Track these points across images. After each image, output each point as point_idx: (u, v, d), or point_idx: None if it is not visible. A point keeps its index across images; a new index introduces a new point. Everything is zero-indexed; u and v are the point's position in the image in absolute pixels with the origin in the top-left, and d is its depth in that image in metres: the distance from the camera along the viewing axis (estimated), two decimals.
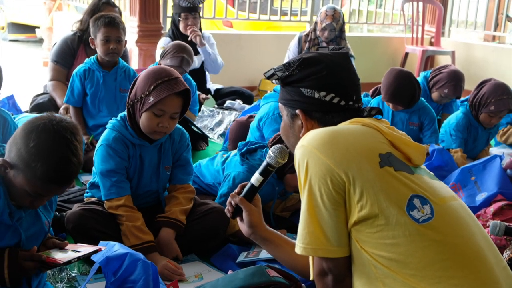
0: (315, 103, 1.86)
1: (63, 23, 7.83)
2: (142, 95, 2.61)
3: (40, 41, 9.79)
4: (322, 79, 1.85)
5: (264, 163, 2.07)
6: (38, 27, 9.73)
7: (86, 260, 2.56)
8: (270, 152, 2.05)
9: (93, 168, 2.79)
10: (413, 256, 1.60)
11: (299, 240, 1.72)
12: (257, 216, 2.15)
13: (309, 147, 1.71)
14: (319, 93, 1.85)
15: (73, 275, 2.51)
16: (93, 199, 2.81)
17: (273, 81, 1.95)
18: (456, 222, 1.68)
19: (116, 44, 3.93)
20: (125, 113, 2.75)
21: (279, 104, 1.99)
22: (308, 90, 1.86)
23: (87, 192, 2.88)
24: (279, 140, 2.96)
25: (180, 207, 2.76)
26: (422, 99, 4.27)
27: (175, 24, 5.52)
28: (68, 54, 4.66)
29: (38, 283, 2.13)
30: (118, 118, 2.76)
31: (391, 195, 1.64)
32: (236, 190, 2.16)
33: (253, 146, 3.08)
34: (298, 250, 1.73)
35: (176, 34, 5.49)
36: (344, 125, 1.82)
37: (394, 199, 1.63)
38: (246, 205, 2.13)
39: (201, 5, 5.59)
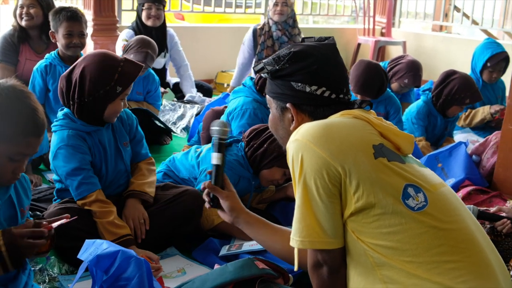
0: (306, 97, 1.87)
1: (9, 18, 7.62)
2: (108, 87, 2.57)
3: None
4: (312, 73, 1.86)
5: (215, 140, 2.12)
6: None
7: (66, 259, 2.53)
8: (213, 128, 2.12)
9: (54, 176, 2.76)
10: (409, 243, 1.63)
11: (295, 234, 1.73)
12: (235, 200, 2.17)
13: (304, 140, 1.71)
14: (310, 87, 1.86)
15: (54, 275, 2.46)
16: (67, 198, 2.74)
17: (263, 74, 1.95)
18: (448, 208, 1.72)
19: (79, 38, 3.87)
20: (65, 110, 2.69)
21: (267, 97, 1.99)
22: (299, 84, 1.86)
23: (55, 200, 2.81)
24: (256, 134, 2.97)
25: (144, 179, 2.79)
26: (388, 89, 4.34)
27: (139, 15, 5.46)
28: (10, 51, 4.52)
29: (25, 285, 2.08)
30: (61, 116, 2.69)
31: (386, 185, 1.67)
32: (206, 182, 2.17)
33: (228, 141, 3.08)
34: (295, 243, 1.74)
35: (139, 26, 5.43)
36: (336, 118, 1.83)
37: (389, 189, 1.66)
38: (219, 192, 2.14)
39: None
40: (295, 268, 1.83)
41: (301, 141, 1.72)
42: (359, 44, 8.02)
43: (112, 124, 2.76)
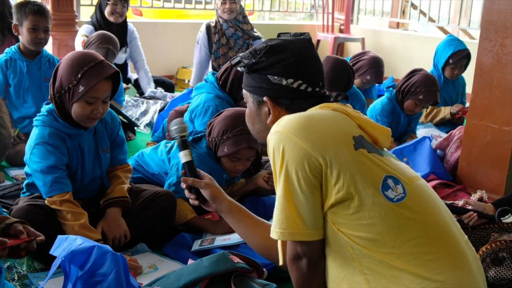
0: (283, 90, 1.87)
1: None
2: (70, 85, 2.51)
3: None
4: (289, 66, 1.87)
5: (177, 140, 2.16)
6: None
7: (35, 257, 2.48)
8: (171, 129, 2.17)
9: (26, 169, 2.68)
10: (389, 235, 1.64)
11: (275, 226, 1.73)
12: (214, 187, 2.16)
13: (285, 132, 1.71)
14: (286, 80, 1.86)
15: (23, 273, 2.41)
16: (36, 193, 2.68)
17: (239, 68, 1.95)
18: (425, 200, 1.74)
19: (44, 33, 3.80)
20: (50, 106, 2.63)
21: (244, 91, 1.98)
22: (276, 77, 1.87)
23: (24, 192, 2.75)
24: (211, 129, 2.98)
25: (124, 185, 2.74)
26: (353, 85, 4.37)
27: (100, 10, 5.38)
28: None
29: None
30: (45, 112, 2.63)
31: (366, 176, 1.68)
32: (181, 172, 2.19)
33: (198, 135, 3.07)
34: (275, 235, 1.73)
35: (100, 21, 5.35)
36: (315, 110, 1.84)
37: (369, 180, 1.68)
38: (199, 183, 2.15)
39: None
40: (280, 263, 1.83)
41: (282, 133, 1.72)
42: (318, 41, 8.07)
43: (95, 128, 2.70)
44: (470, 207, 2.84)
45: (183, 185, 2.17)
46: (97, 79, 2.49)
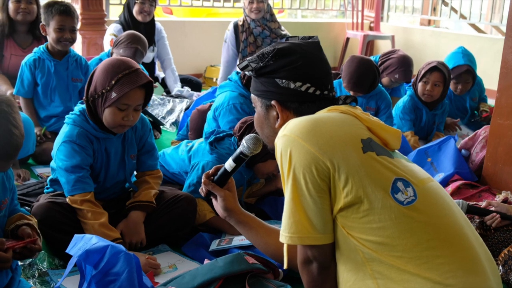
0: (291, 94, 1.86)
1: None
2: (103, 91, 2.54)
3: None
4: (297, 70, 1.86)
5: (238, 151, 2.08)
6: None
7: (56, 254, 2.52)
8: (244, 142, 2.06)
9: (52, 164, 2.72)
10: (399, 238, 1.63)
11: (284, 230, 1.72)
12: (232, 201, 2.17)
13: (292, 136, 1.70)
14: (294, 83, 1.85)
15: (44, 269, 2.45)
16: (58, 192, 2.73)
17: (247, 72, 1.94)
18: (437, 203, 1.72)
19: (70, 33, 3.85)
20: (83, 106, 2.67)
21: (252, 95, 1.98)
22: (284, 80, 1.86)
23: (48, 188, 2.80)
24: (246, 130, 2.95)
25: (152, 190, 2.75)
26: (379, 84, 4.35)
27: (128, 9, 5.42)
28: None
29: (12, 279, 2.07)
30: (77, 112, 2.67)
31: (376, 179, 1.66)
32: (211, 171, 2.17)
33: (221, 135, 3.06)
34: (284, 239, 1.72)
35: (128, 20, 5.40)
36: (323, 113, 1.82)
37: (379, 183, 1.66)
38: (219, 191, 2.15)
39: None
40: (285, 266, 1.83)
41: (290, 136, 1.71)
42: (347, 39, 8.03)
43: (124, 134, 2.73)
44: (493, 208, 2.80)
45: (202, 187, 2.17)
46: (130, 87, 2.52)
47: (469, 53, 4.93)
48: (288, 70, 1.86)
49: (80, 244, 2.01)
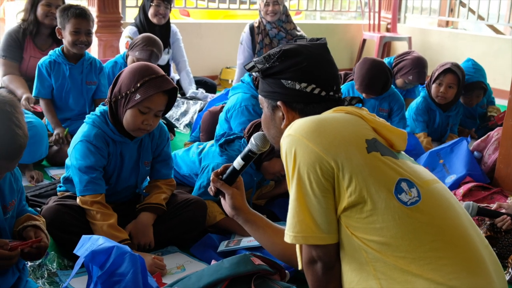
0: (296, 95, 1.87)
1: (16, 14, 7.65)
2: (128, 92, 2.56)
3: None
4: (302, 70, 1.87)
5: (246, 149, 2.11)
6: None
7: (66, 254, 2.55)
8: (252, 139, 2.09)
9: (67, 161, 2.74)
10: (403, 239, 1.63)
11: (288, 229, 1.73)
12: (240, 199, 2.19)
13: (297, 135, 1.72)
14: (300, 84, 1.86)
15: (54, 270, 2.47)
16: (67, 193, 2.76)
17: (254, 73, 1.96)
18: (441, 204, 1.72)
19: (86, 36, 3.87)
20: (105, 108, 2.69)
21: (259, 96, 1.99)
22: (289, 81, 1.87)
23: (60, 186, 2.84)
24: (254, 130, 2.96)
25: (163, 194, 2.77)
26: (392, 85, 4.33)
27: (144, 12, 5.44)
28: (14, 47, 4.53)
29: (19, 280, 2.09)
30: (98, 113, 2.69)
31: (380, 179, 1.67)
32: (219, 170, 2.19)
33: (231, 137, 3.07)
34: (288, 239, 1.74)
35: (143, 23, 5.42)
36: (328, 114, 1.83)
37: (383, 183, 1.66)
38: (228, 189, 2.17)
39: None
40: (299, 267, 1.84)
41: (294, 136, 1.72)
42: (364, 40, 8.01)
43: (141, 140, 2.75)
44: (503, 211, 2.78)
45: (211, 185, 2.19)
46: (155, 91, 2.55)
47: (480, 67, 4.76)
48: (294, 71, 1.87)
49: (87, 245, 2.02)
